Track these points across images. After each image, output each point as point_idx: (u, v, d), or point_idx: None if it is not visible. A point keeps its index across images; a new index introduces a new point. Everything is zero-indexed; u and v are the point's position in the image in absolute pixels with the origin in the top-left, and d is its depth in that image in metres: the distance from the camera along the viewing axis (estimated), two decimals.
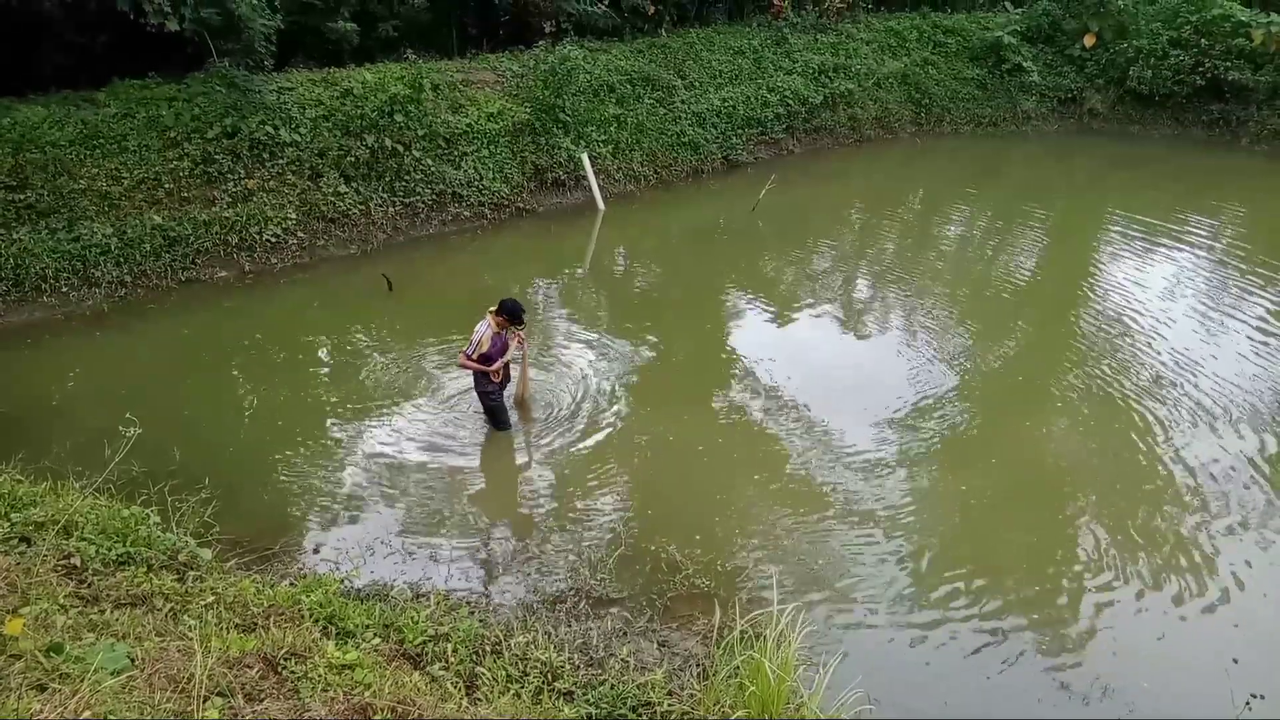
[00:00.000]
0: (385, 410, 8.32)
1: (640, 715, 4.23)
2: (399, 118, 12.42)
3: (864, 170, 16.50)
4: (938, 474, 7.51)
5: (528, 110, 13.49)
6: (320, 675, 3.93)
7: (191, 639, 3.66)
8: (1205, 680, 5.10)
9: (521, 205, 13.24)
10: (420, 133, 12.60)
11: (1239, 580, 6.22)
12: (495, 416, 7.84)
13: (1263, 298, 11.82)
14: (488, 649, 4.81)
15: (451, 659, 4.59)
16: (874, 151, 17.25)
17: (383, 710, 3.57)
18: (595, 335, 9.97)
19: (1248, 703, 3.10)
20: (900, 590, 6.08)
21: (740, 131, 15.53)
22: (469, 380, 7.82)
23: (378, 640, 4.68)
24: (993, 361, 9.89)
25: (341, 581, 5.41)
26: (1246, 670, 4.98)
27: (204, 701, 3.23)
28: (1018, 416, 8.59)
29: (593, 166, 13.56)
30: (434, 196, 12.62)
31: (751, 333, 10.18)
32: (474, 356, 7.35)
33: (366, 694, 3.75)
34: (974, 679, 5.38)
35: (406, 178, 12.47)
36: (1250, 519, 6.93)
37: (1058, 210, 15.00)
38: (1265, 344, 10.30)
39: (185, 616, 4.27)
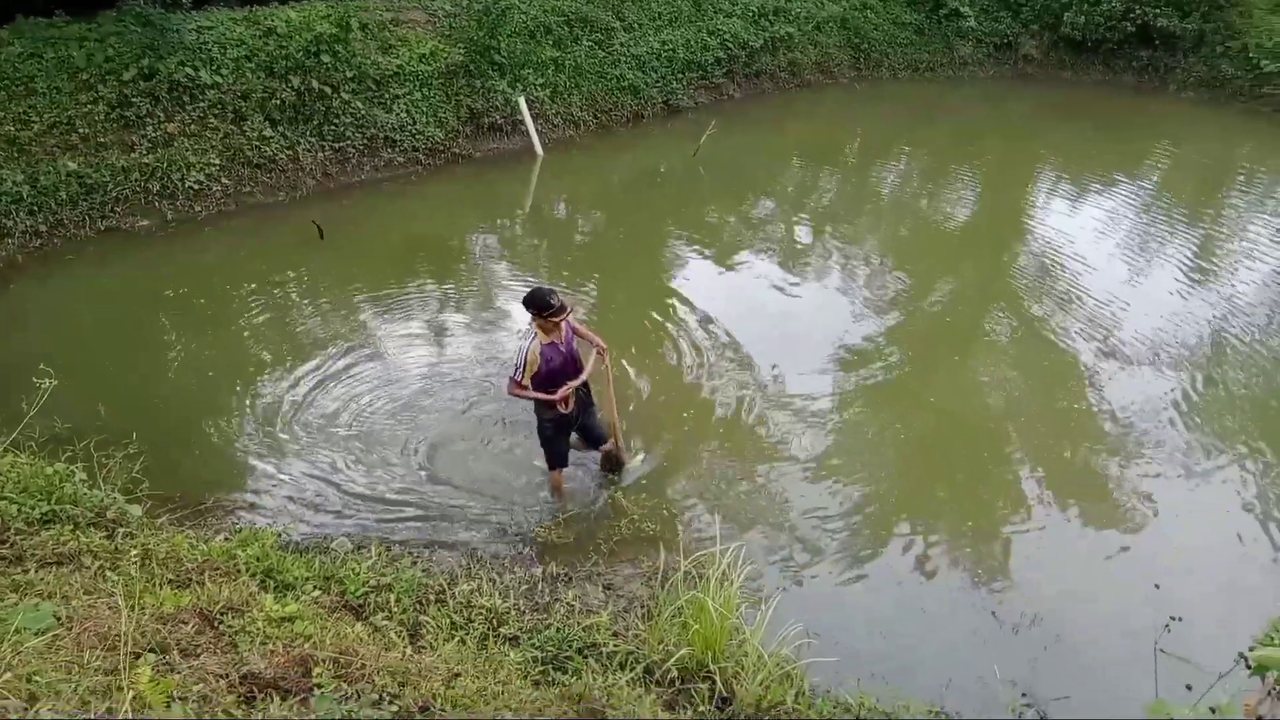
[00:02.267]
0: (319, 361, 8.12)
1: (586, 657, 4.26)
2: (326, 58, 11.91)
3: (804, 115, 16.43)
4: (875, 416, 7.65)
5: (461, 52, 13.04)
6: (259, 628, 3.86)
7: (120, 597, 3.56)
8: (1129, 605, 5.36)
9: (457, 150, 12.87)
10: (349, 74, 12.12)
11: (1160, 512, 6.51)
12: (550, 450, 6.20)
13: (1188, 239, 12.22)
14: (431, 598, 4.78)
15: (394, 609, 4.56)
16: (814, 96, 17.18)
17: (324, 661, 3.53)
18: (535, 284, 9.83)
19: (1167, 625, 3.24)
20: (838, 529, 6.22)
21: (680, 75, 15.28)
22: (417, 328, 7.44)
23: (318, 592, 4.62)
24: (929, 304, 10.05)
25: (279, 535, 5.31)
26: (1167, 595, 5.24)
27: (137, 658, 3.14)
28: (953, 358, 8.78)
29: (530, 110, 13.23)
30: (365, 141, 12.20)
31: (693, 279, 10.15)
32: (523, 381, 5.66)
33: (307, 645, 3.70)
34: (910, 612, 5.56)
35: (336, 121, 12.02)
36: (1174, 454, 7.24)
37: (992, 155, 15.21)
38: (1190, 285, 10.68)
39: (114, 574, 4.14)
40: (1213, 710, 2.48)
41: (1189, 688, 2.86)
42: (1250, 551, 6.15)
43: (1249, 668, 2.33)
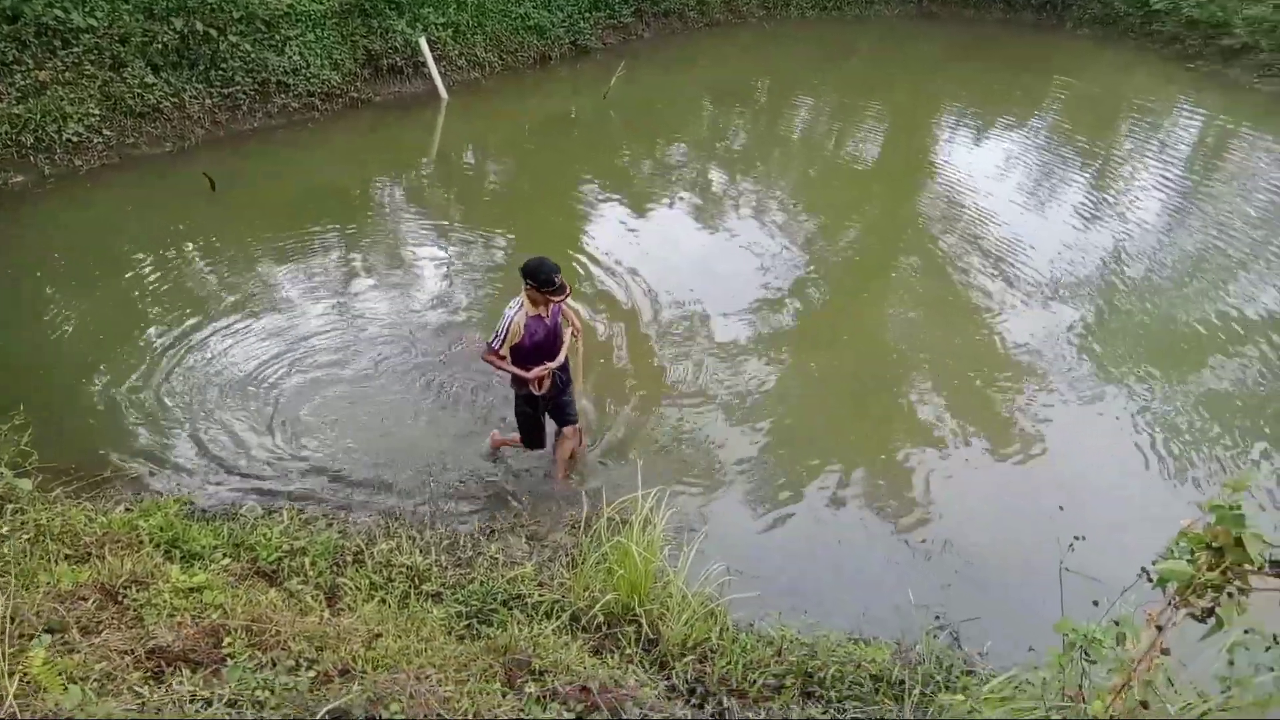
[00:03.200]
0: (219, 320, 7.75)
1: (511, 609, 4.24)
2: None
3: (714, 56, 16.28)
4: (791, 356, 7.76)
5: None
6: (165, 601, 3.72)
7: (8, 577, 3.36)
8: (1034, 527, 5.61)
9: (356, 95, 12.31)
10: (235, 15, 11.38)
11: (1063, 438, 6.82)
12: (524, 429, 5.83)
13: (1084, 175, 12.66)
14: (349, 559, 4.68)
15: (310, 572, 4.44)
16: (723, 36, 17.02)
17: (236, 630, 3.41)
18: (446, 236, 9.58)
19: (1071, 545, 3.38)
20: (758, 468, 6.32)
21: (588, 15, 14.89)
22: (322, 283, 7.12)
23: (228, 560, 4.47)
24: (841, 244, 10.20)
25: (183, 503, 5.10)
26: (1070, 515, 5.50)
27: (29, 640, 2.97)
28: (864, 297, 8.96)
29: (432, 52, 12.72)
30: (256, 86, 11.53)
31: (608, 226, 10.03)
32: (501, 351, 5.27)
33: (217, 615, 3.57)
34: (828, 545, 5.71)
35: (223, 66, 11.32)
36: (1074, 382, 7.57)
37: (899, 95, 15.37)
38: (1087, 219, 11.09)
39: (3, 551, 3.91)
40: (1116, 623, 2.61)
41: (1095, 603, 2.99)
42: (1148, 471, 6.51)
43: (1150, 581, 2.44)
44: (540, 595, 4.38)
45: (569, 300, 5.36)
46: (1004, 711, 2.98)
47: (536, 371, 5.35)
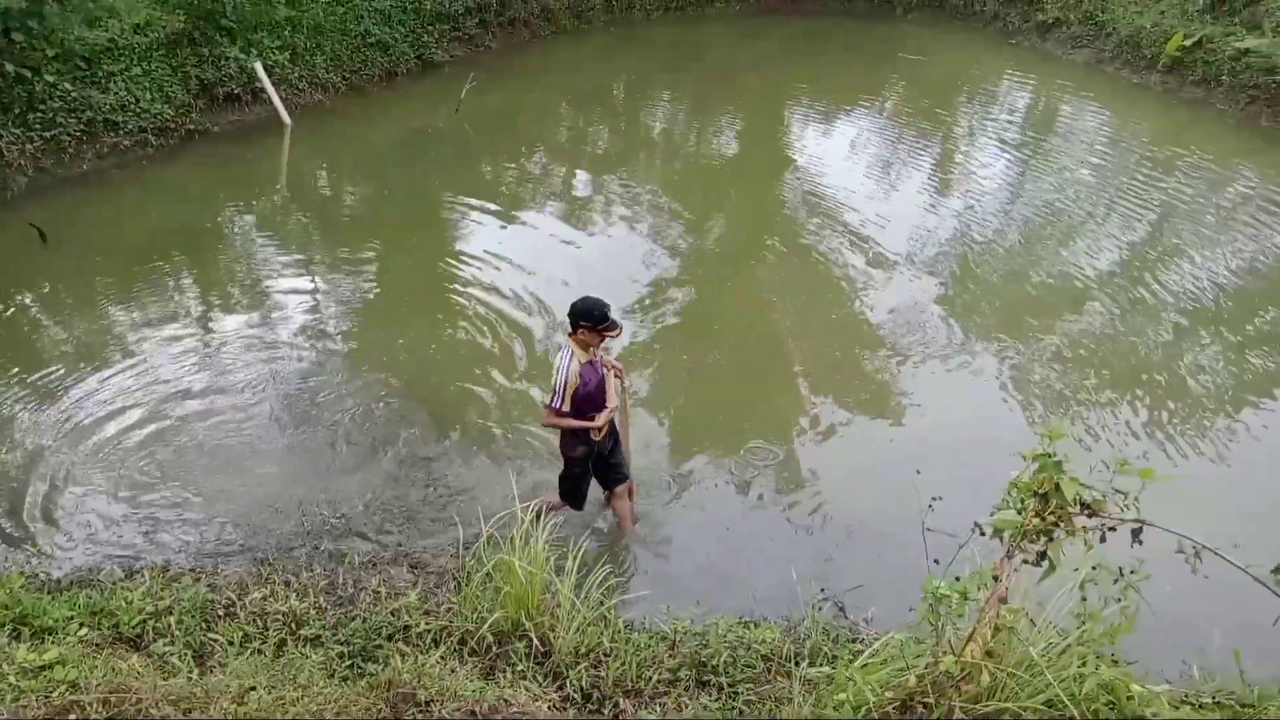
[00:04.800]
0: (61, 371, 7.24)
1: (397, 641, 4.12)
2: (19, 36, 10.40)
3: (565, 63, 16.28)
4: (668, 351, 7.86)
5: (181, 18, 11.80)
6: (11, 685, 3.44)
7: None
8: (900, 492, 5.83)
9: (192, 127, 11.71)
10: (50, 53, 10.65)
11: (925, 403, 7.15)
12: (571, 492, 5.44)
13: (927, 154, 13.32)
14: (220, 613, 4.44)
15: (177, 632, 4.19)
16: (572, 42, 17.04)
17: (92, 704, 3.19)
18: (307, 266, 9.23)
19: (930, 505, 3.53)
20: (639, 465, 6.34)
21: (431, 28, 14.60)
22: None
23: (85, 631, 4.17)
24: (710, 239, 10.41)
25: (30, 576, 4.74)
26: (929, 478, 5.75)
27: None
28: (735, 286, 9.16)
29: (269, 76, 12.23)
30: (81, 127, 10.82)
31: (477, 241, 9.87)
32: (563, 408, 4.97)
33: (70, 692, 3.33)
34: (715, 533, 5.81)
35: (42, 108, 10.57)
36: (939, 349, 7.97)
37: (750, 90, 15.76)
38: (935, 196, 11.68)
39: None
40: (957, 578, 2.74)
41: (936, 561, 3.13)
42: (1012, 428, 6.90)
43: (983, 533, 2.58)
44: (427, 624, 4.27)
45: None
46: (877, 676, 3.09)
47: (603, 418, 5.07)
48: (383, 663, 3.86)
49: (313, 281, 9.00)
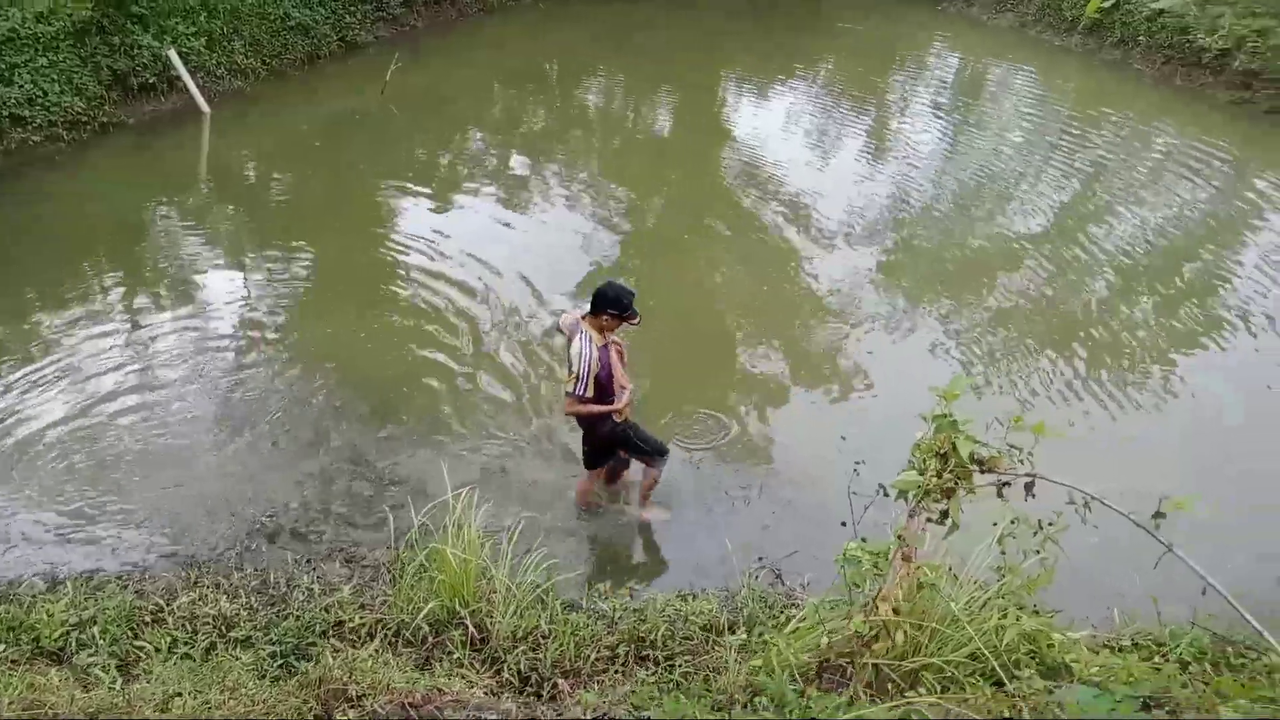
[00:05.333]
0: None
1: (330, 638, 4.06)
2: None
3: (495, 41, 16.02)
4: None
5: (89, 5, 11.32)
6: None
7: None
8: (827, 458, 5.93)
9: (107, 119, 11.28)
10: None
11: (868, 370, 7.27)
12: (599, 463, 5.51)
13: (858, 126, 13.43)
14: (148, 620, 4.34)
15: (102, 642, 4.08)
16: (501, 20, 16.78)
17: None
18: (237, 258, 8.97)
19: (855, 470, 3.57)
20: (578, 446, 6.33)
21: (354, 9, 14.23)
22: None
23: (2, 648, 4.04)
24: (651, 215, 10.39)
25: None
26: (853, 444, 5.86)
27: None
28: (678, 261, 9.16)
29: (185, 64, 11.81)
30: None
31: (413, 225, 9.69)
32: (586, 394, 4.92)
33: None
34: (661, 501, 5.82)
35: None
36: (876, 318, 8.08)
37: (686, 65, 15.70)
38: (868, 168, 11.80)
39: None
40: (863, 539, 2.78)
41: (843, 524, 3.18)
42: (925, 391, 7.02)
43: (886, 494, 2.62)
44: (361, 618, 4.22)
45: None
46: (802, 641, 3.13)
47: (625, 400, 5.07)
48: (315, 660, 3.81)
49: (242, 273, 8.76)
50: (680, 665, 3.91)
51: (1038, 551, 3.29)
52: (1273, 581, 5.30)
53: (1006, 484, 2.50)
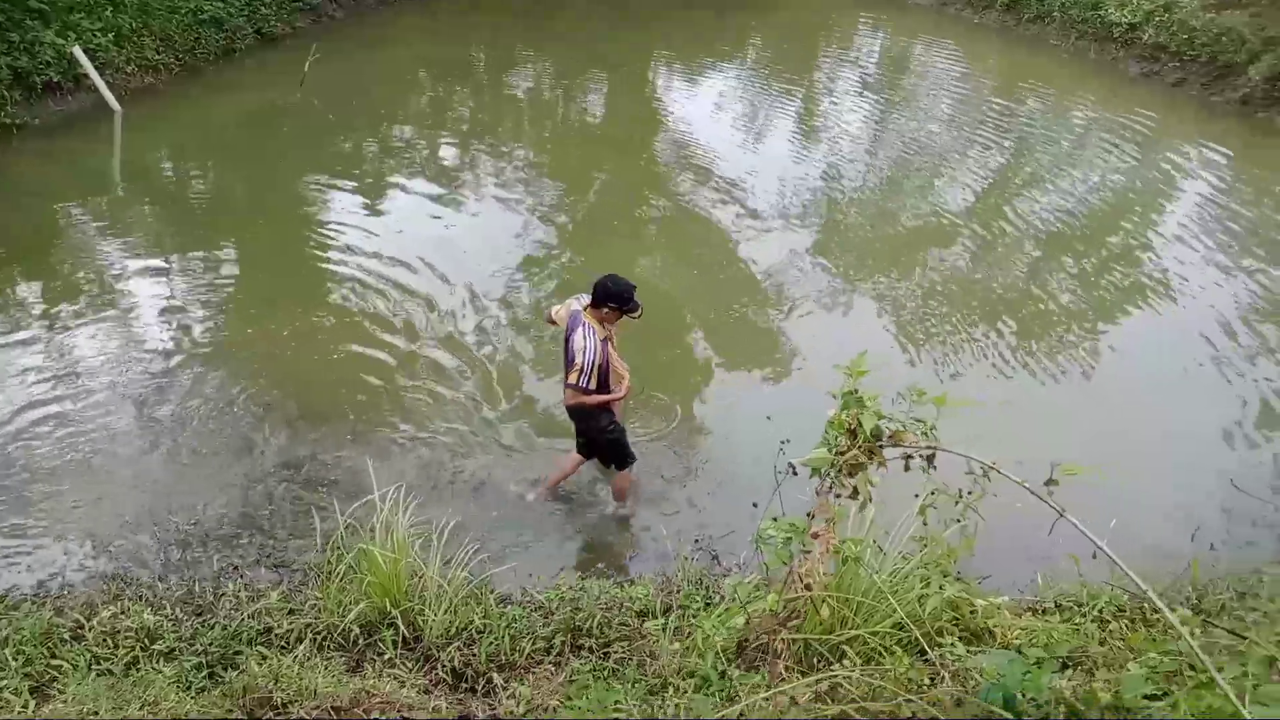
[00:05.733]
0: None
1: (258, 645, 3.97)
2: None
3: (419, 29, 15.70)
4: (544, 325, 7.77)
5: None
6: None
7: None
8: (764, 439, 5.97)
9: (9, 121, 10.75)
10: None
11: (804, 350, 7.39)
12: (623, 447, 5.43)
13: (789, 106, 13.53)
14: (66, 637, 4.18)
15: (15, 663, 3.93)
16: (423, 8, 16.44)
17: None
18: (158, 261, 8.64)
19: (780, 449, 3.60)
20: (515, 438, 6.30)
21: (269, 0, 13.80)
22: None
23: None
24: (586, 202, 10.35)
25: None
26: (778, 423, 5.88)
27: None
28: (615, 247, 9.17)
29: (92, 61, 11.33)
30: None
31: (341, 221, 9.45)
32: (590, 385, 4.94)
33: None
34: (590, 494, 5.82)
35: None
36: (812, 297, 8.20)
37: (615, 50, 15.62)
38: (800, 148, 11.91)
39: None
40: (774, 518, 2.81)
41: (755, 505, 3.22)
42: (893, 365, 7.20)
43: (794, 473, 2.65)
44: (290, 623, 4.13)
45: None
46: (728, 623, 3.15)
47: (627, 387, 5.15)
48: (241, 669, 3.72)
49: (164, 275, 8.44)
50: (616, 652, 3.91)
51: (958, 520, 3.38)
52: (1188, 537, 5.53)
53: (910, 457, 2.54)
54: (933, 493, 3.24)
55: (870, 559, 3.63)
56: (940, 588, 3.56)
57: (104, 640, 4.13)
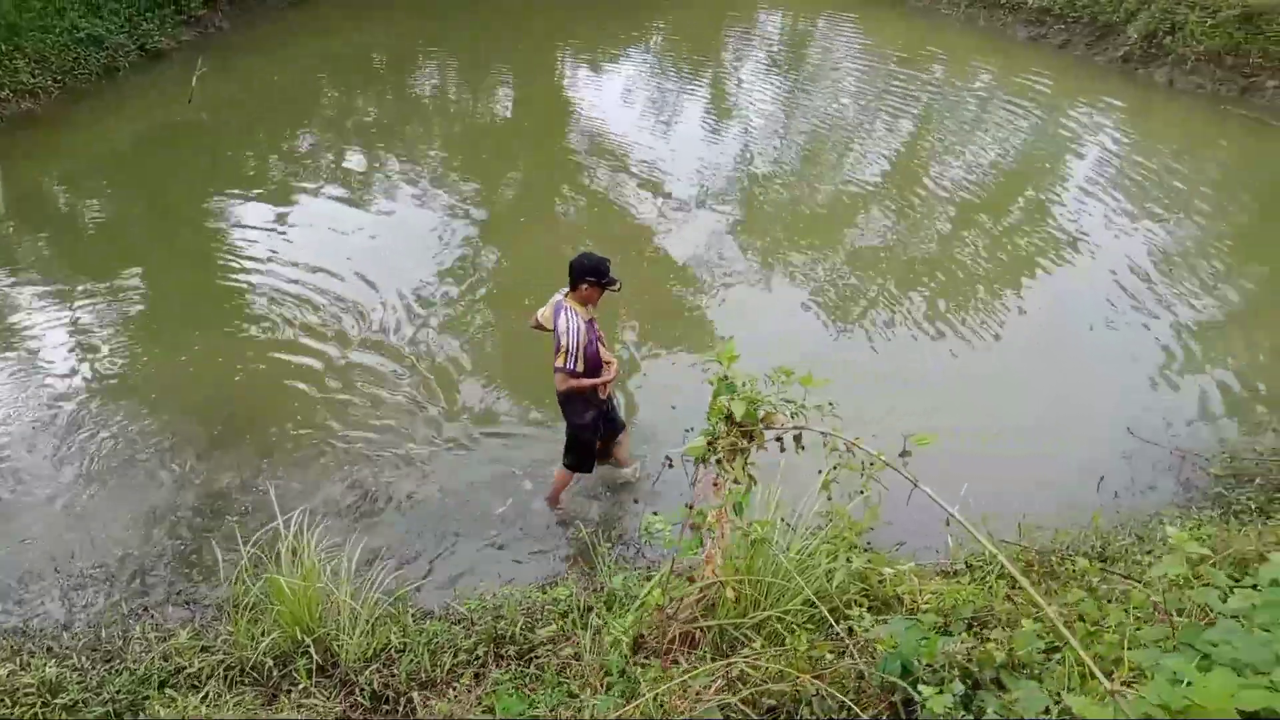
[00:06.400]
0: None
1: (165, 688, 3.84)
2: None
3: (312, 33, 15.17)
4: (477, 326, 7.66)
5: None
6: None
7: None
8: (668, 428, 6.01)
9: None
10: None
11: (732, 332, 7.36)
12: (585, 457, 5.34)
13: (698, 89, 13.56)
14: None
15: None
16: (313, 13, 15.89)
17: None
18: (56, 295, 8.23)
19: (684, 437, 3.60)
20: (433, 447, 6.20)
21: (151, 14, 13.18)
22: None
23: None
24: (504, 199, 10.24)
25: None
26: (682, 413, 5.96)
27: None
28: (538, 243, 9.06)
29: None
30: None
31: (250, 235, 9.13)
32: (578, 368, 4.87)
33: None
34: (513, 491, 5.76)
35: None
36: (736, 279, 8.26)
37: (516, 44, 15.44)
38: (713, 130, 11.95)
39: None
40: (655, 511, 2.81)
41: (636, 501, 3.22)
42: (817, 341, 7.36)
43: (671, 465, 2.65)
44: (202, 661, 4.00)
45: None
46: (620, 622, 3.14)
47: (613, 371, 5.07)
48: (151, 714, 3.59)
49: (61, 308, 8.04)
50: (539, 656, 3.88)
51: (861, 492, 3.41)
52: (1094, 489, 5.72)
53: (779, 439, 2.55)
54: (834, 467, 3.27)
55: (780, 538, 3.66)
56: (848, 560, 3.60)
57: (1, 700, 3.95)
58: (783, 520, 3.78)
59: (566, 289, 4.99)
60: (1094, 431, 6.25)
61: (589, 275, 4.87)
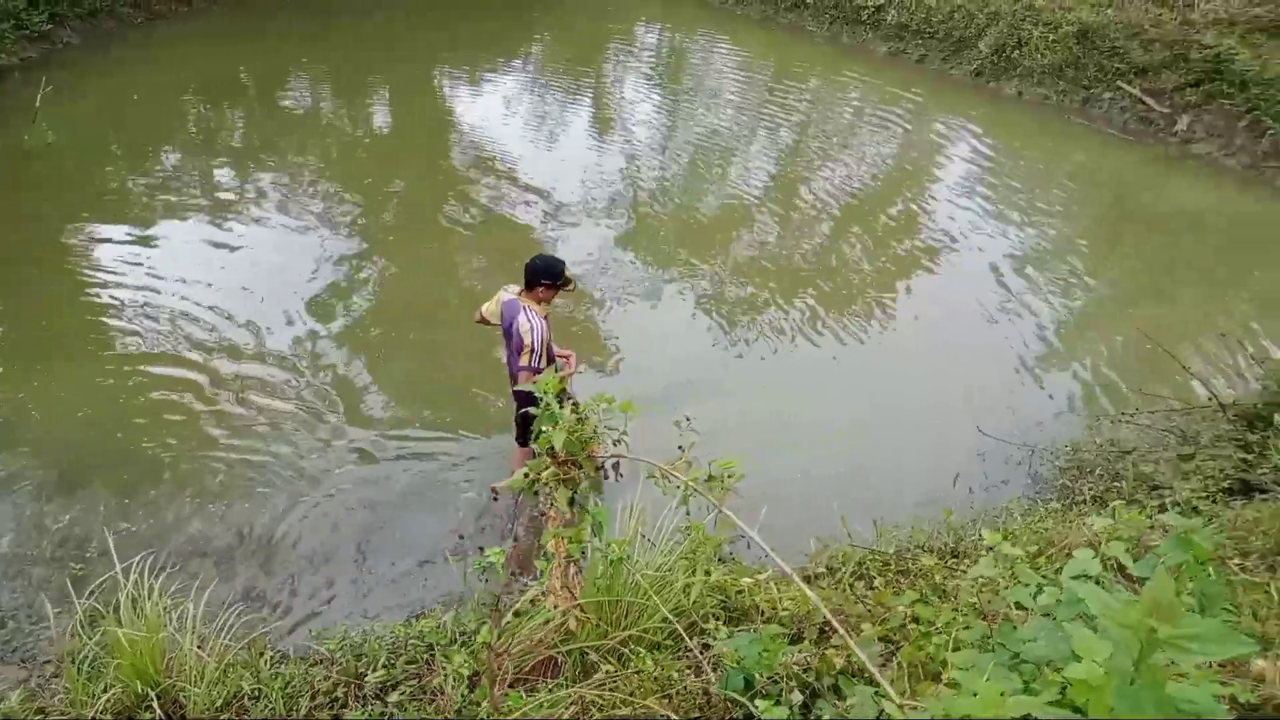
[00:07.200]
0: None
1: None
2: None
3: (172, 50, 14.40)
4: (366, 347, 7.47)
5: None
6: None
7: None
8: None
9: None
10: None
11: (621, 347, 7.49)
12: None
13: (581, 103, 13.60)
14: None
15: None
16: (174, 28, 15.16)
17: None
18: None
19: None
20: (280, 479, 5.98)
21: None
22: None
23: None
24: (387, 218, 9.98)
25: None
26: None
27: None
28: (423, 262, 8.92)
29: None
30: None
31: (116, 264, 8.55)
32: (542, 365, 4.95)
33: None
34: (387, 540, 5.60)
35: None
36: (625, 292, 8.30)
37: (393, 59, 15.16)
38: (597, 143, 12.02)
39: None
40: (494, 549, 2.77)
41: (462, 537, 3.19)
42: (712, 350, 7.46)
43: (496, 499, 2.62)
44: None
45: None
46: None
47: (573, 362, 5.40)
48: None
49: None
50: (400, 692, 3.76)
51: (715, 506, 3.45)
52: (959, 488, 5.95)
53: (599, 468, 2.56)
54: (691, 480, 3.30)
55: (639, 556, 3.66)
56: (707, 573, 3.63)
57: None
58: (643, 536, 3.79)
59: (515, 288, 5.13)
60: (954, 432, 6.52)
61: (545, 277, 5.01)
